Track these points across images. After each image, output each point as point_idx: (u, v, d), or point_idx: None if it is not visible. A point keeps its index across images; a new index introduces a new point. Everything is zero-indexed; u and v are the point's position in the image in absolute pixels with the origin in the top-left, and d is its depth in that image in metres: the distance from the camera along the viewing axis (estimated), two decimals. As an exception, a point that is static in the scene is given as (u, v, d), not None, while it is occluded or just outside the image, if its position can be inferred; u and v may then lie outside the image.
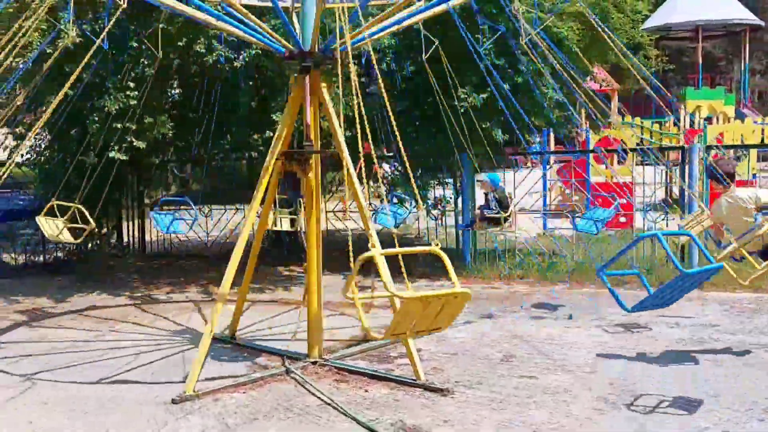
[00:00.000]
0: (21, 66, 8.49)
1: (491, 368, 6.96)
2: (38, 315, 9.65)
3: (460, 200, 12.55)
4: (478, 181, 10.74)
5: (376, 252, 4.67)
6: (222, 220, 14.36)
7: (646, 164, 14.36)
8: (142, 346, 7.97)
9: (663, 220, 11.77)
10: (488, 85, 10.30)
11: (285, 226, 9.75)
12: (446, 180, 13.14)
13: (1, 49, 8.10)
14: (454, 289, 4.66)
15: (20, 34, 7.26)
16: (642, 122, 18.26)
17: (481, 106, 10.37)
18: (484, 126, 10.30)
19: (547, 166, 16.68)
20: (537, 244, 12.54)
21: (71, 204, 8.20)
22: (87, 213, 8.06)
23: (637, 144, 14.56)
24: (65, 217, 8.27)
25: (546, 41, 8.33)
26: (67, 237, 8.25)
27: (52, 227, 8.19)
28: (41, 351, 7.84)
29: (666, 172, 18.05)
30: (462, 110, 10.22)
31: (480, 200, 11.13)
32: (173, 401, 6.15)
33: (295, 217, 9.93)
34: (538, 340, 7.90)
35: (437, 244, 4.87)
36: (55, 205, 8.30)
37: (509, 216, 9.93)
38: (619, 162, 16.73)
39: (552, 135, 18.20)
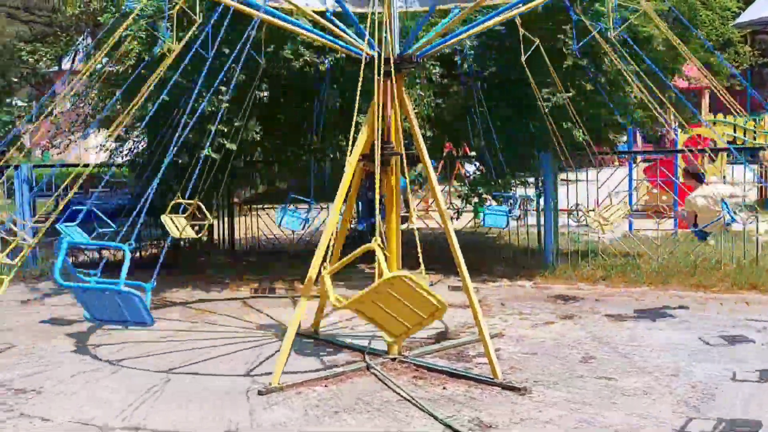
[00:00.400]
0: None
1: (570, 369, 6.97)
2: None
3: (542, 200, 12.48)
4: None
5: (326, 272, 5.16)
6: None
7: (739, 164, 13.88)
8: (233, 339, 8.35)
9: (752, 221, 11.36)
10: (570, 85, 10.27)
11: (189, 233, 9.17)
12: (528, 180, 13.10)
13: (105, 56, 8.67)
14: (385, 277, 4.76)
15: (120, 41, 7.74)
16: (735, 120, 17.61)
17: (564, 105, 10.32)
18: (565, 125, 10.26)
19: (634, 166, 16.33)
20: (621, 245, 12.35)
21: (191, 201, 8.58)
22: (204, 208, 8.44)
23: (728, 142, 14.10)
24: (186, 214, 8.65)
25: (629, 41, 8.25)
26: (190, 233, 8.65)
27: (177, 225, 8.56)
28: (138, 341, 8.31)
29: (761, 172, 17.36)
30: (546, 110, 10.19)
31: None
32: (259, 392, 6.45)
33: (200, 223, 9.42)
34: (619, 342, 7.83)
35: (377, 242, 5.09)
36: (177, 203, 8.65)
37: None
38: (710, 161, 16.23)
39: (639, 134, 17.80)
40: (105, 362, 7.55)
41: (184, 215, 8.67)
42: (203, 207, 8.54)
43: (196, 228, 8.76)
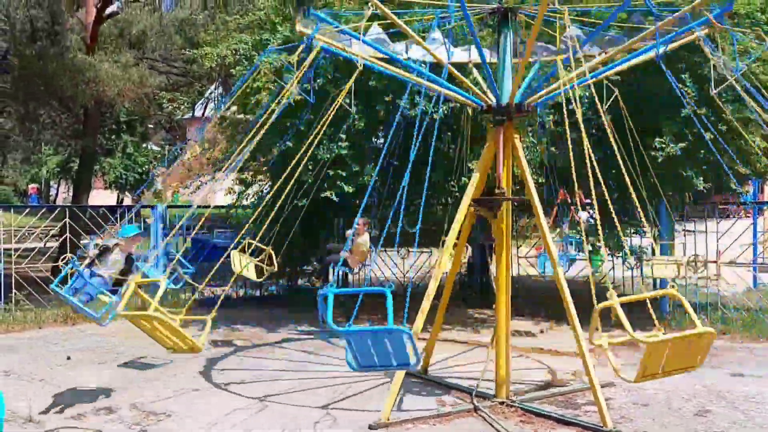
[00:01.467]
0: (251, 120, 9.65)
1: (683, 422, 6.81)
2: (256, 342, 10.76)
3: (658, 249, 12.20)
4: None
5: (615, 300, 5.23)
6: (418, 262, 15.02)
7: None
8: (344, 376, 8.66)
9: None
10: (688, 133, 10.12)
11: (250, 273, 9.38)
12: (643, 230, 12.85)
13: (239, 104, 9.34)
14: (697, 330, 4.91)
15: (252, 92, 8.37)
16: None
17: (681, 154, 10.18)
18: (684, 174, 10.09)
19: (758, 217, 15.64)
20: (743, 299, 11.86)
21: (265, 247, 9.02)
22: (274, 257, 8.89)
23: None
24: (257, 258, 9.10)
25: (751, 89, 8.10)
26: (251, 274, 9.14)
27: (241, 263, 9.00)
28: (257, 374, 8.80)
29: None
30: (660, 159, 10.09)
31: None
32: (370, 427, 6.69)
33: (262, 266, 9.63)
34: (736, 396, 7.57)
35: (674, 287, 5.33)
36: (247, 244, 9.06)
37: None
38: None
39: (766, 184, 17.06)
40: (229, 392, 8.05)
41: (258, 258, 9.13)
42: (273, 255, 8.99)
43: (259, 271, 9.25)
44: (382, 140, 13.39)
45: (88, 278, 7.23)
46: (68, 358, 9.50)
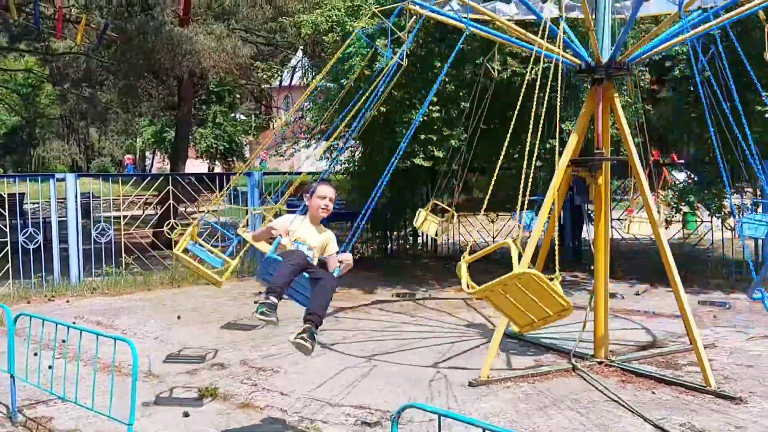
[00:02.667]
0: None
1: (791, 383, 6.69)
2: (353, 303, 11.09)
3: (759, 209, 11.81)
4: None
5: (463, 261, 5.27)
6: (507, 226, 15.04)
7: None
8: (439, 336, 8.86)
9: None
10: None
11: (431, 229, 9.76)
12: (746, 189, 12.46)
13: (331, 74, 9.51)
14: (514, 272, 4.89)
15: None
16: None
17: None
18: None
19: None
20: None
21: (449, 208, 9.69)
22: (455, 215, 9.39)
23: None
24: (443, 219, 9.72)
25: None
26: (431, 230, 9.56)
27: (422, 218, 9.45)
28: (356, 333, 9.11)
29: None
30: (765, 117, 9.73)
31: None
32: (470, 384, 6.87)
33: (438, 222, 9.84)
34: None
35: (513, 240, 5.24)
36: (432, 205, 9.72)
37: None
38: None
39: None
40: (332, 350, 8.38)
41: (443, 219, 9.61)
42: (455, 214, 9.38)
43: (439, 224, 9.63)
44: (468, 104, 13.43)
45: None
46: (179, 317, 10.07)
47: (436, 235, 9.86)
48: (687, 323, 6.91)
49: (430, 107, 10.79)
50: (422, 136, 10.69)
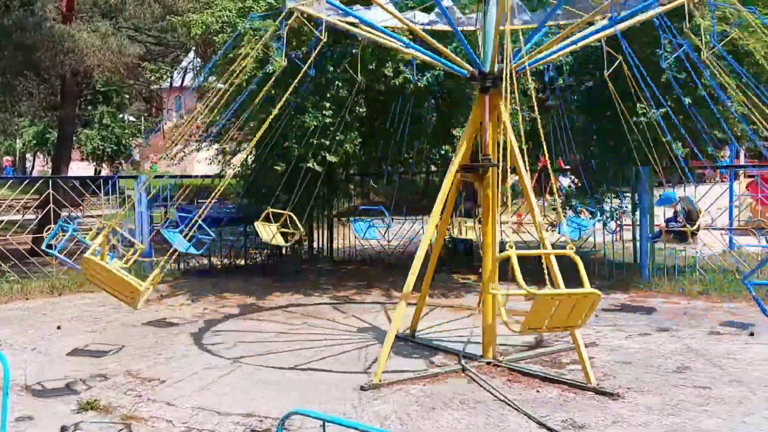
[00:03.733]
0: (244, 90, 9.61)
1: (664, 377, 7.06)
2: (245, 310, 10.89)
3: (638, 213, 12.46)
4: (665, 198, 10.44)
5: (513, 252, 5.25)
6: (402, 230, 15.19)
7: None
8: (333, 340, 8.83)
9: None
10: (668, 99, 10.27)
11: (469, 234, 10.23)
12: (625, 193, 13.09)
13: (223, 76, 9.29)
14: (584, 290, 5.19)
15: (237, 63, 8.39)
16: None
17: (662, 120, 10.34)
18: (664, 140, 10.25)
19: (734, 181, 15.95)
20: (721, 261, 12.18)
21: (283, 212, 9.19)
22: (297, 220, 9.02)
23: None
24: (278, 223, 9.29)
25: (726, 56, 8.27)
26: (279, 241, 9.30)
27: (268, 232, 9.23)
28: (249, 340, 8.94)
29: None
30: (641, 126, 10.24)
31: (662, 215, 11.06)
32: (362, 388, 6.86)
33: (474, 227, 10.44)
34: (715, 354, 7.84)
35: (571, 248, 5.44)
36: (270, 213, 9.32)
37: (697, 231, 9.81)
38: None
39: (742, 149, 17.36)
40: (223, 358, 8.18)
41: (277, 224, 9.27)
42: (294, 218, 9.11)
43: (287, 236, 9.39)
44: (364, 110, 13.49)
45: None
46: (58, 327, 9.58)
47: (286, 244, 9.76)
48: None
49: (323, 111, 10.76)
50: (314, 141, 10.63)
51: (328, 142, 10.81)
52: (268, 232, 9.18)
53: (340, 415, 6.18)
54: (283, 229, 9.28)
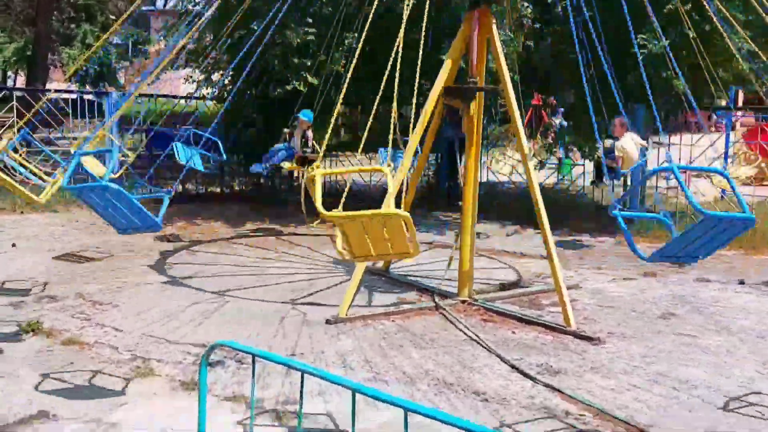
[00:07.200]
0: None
1: (648, 324, 6.66)
2: (216, 238, 10.40)
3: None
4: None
5: (318, 172, 4.98)
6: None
7: None
8: (303, 273, 8.37)
9: None
10: (671, 32, 9.66)
11: (505, 170, 9.66)
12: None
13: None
14: (387, 210, 4.81)
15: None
16: None
17: (664, 55, 9.73)
18: (664, 75, 9.67)
19: (732, 129, 15.40)
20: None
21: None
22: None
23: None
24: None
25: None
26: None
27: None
28: (216, 271, 8.47)
29: None
30: (641, 58, 9.63)
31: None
32: (327, 321, 6.43)
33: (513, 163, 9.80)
34: (703, 302, 7.44)
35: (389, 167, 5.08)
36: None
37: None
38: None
39: (740, 93, 16.75)
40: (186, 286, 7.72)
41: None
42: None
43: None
44: (353, 34, 12.76)
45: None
46: (13, 245, 9.07)
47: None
48: (552, 262, 6.73)
49: (306, 28, 10.07)
50: (296, 60, 9.96)
51: (309, 63, 10.14)
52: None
53: (300, 348, 5.76)
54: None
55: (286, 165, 9.25)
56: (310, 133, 9.21)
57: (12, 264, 8.25)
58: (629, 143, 9.21)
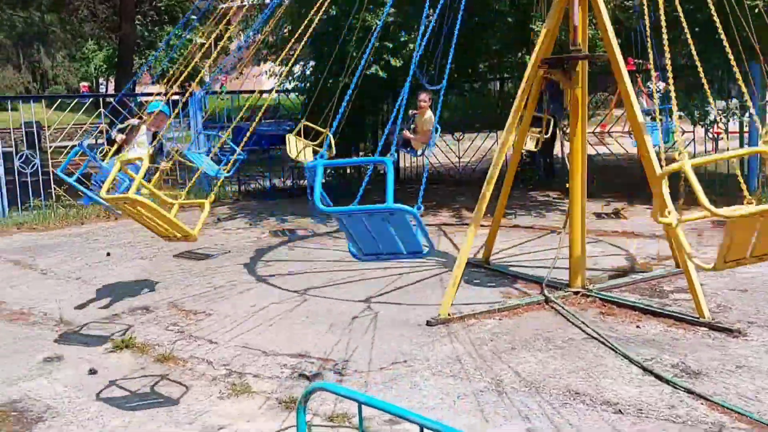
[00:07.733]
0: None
1: (792, 310, 5.87)
2: (305, 234, 10.10)
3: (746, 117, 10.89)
4: None
5: (686, 162, 3.65)
6: (473, 146, 14.06)
7: None
8: (397, 268, 7.91)
9: None
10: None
11: (529, 145, 9.10)
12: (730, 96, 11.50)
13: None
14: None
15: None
16: None
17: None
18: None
19: None
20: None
21: (322, 129, 8.17)
22: (333, 140, 7.93)
23: None
24: (312, 140, 8.37)
25: None
26: (307, 157, 8.34)
27: (295, 146, 8.33)
28: (308, 269, 8.14)
29: None
30: (755, 11, 8.64)
31: None
32: (428, 323, 5.96)
33: (538, 136, 9.30)
34: None
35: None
36: (302, 126, 8.48)
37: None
38: None
39: None
40: (280, 288, 7.42)
41: (316, 142, 8.34)
42: (331, 138, 8.10)
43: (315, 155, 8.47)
44: (430, 11, 12.17)
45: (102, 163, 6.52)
46: (108, 254, 9.00)
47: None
48: (677, 243, 6.00)
49: (383, 9, 9.53)
50: (376, 44, 9.45)
51: (390, 45, 9.63)
52: (296, 146, 8.24)
53: (403, 355, 5.31)
54: (315, 146, 8.31)
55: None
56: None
57: (108, 273, 8.14)
58: None
